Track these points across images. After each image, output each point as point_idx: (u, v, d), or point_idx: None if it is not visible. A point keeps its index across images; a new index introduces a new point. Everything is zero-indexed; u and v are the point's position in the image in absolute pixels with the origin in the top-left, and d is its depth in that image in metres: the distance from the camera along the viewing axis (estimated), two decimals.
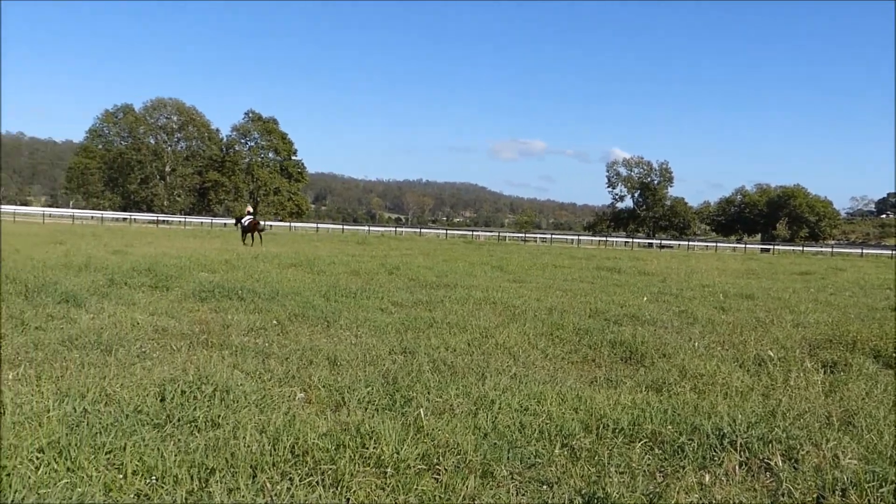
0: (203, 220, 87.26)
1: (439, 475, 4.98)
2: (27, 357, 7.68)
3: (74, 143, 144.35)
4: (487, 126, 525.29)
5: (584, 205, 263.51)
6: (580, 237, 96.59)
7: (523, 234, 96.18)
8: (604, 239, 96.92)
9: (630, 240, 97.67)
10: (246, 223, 39.27)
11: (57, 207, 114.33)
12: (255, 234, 38.99)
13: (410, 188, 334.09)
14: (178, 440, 5.31)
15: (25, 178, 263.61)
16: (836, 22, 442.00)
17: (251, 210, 43.16)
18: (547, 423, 6.11)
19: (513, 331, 10.82)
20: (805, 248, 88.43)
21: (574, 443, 5.71)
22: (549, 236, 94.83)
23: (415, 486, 4.73)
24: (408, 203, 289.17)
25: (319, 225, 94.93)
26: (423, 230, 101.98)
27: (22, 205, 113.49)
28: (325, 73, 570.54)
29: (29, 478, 4.53)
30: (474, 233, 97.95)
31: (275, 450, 5.13)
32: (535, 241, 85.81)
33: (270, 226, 77.45)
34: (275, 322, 10.72)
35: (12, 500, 4.19)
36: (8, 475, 4.51)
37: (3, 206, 77.23)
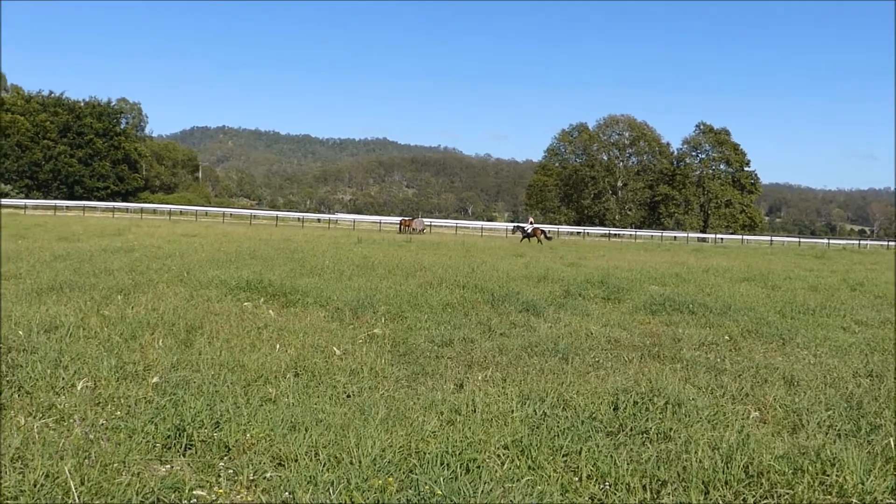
0: (653, 234, 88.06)
1: None
2: (494, 360, 8.38)
3: (534, 162, 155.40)
4: None
5: None
6: None
7: None
8: None
9: None
10: (529, 230, 49.75)
11: (517, 222, 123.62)
12: (536, 239, 47.97)
13: (876, 197, 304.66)
14: (631, 449, 5.43)
15: (491, 195, 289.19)
16: None
17: (532, 220, 56.33)
18: None
19: None
20: None
21: None
22: None
23: None
24: (873, 213, 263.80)
25: (773, 238, 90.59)
26: (891, 243, 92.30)
27: (487, 220, 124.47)
28: (769, 77, 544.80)
29: (496, 471, 4.95)
30: None
31: (728, 468, 5.02)
32: None
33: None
34: (727, 337, 10.46)
35: (482, 491, 4.61)
36: (478, 468, 4.98)
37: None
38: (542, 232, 49.98)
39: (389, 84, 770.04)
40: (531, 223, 52.60)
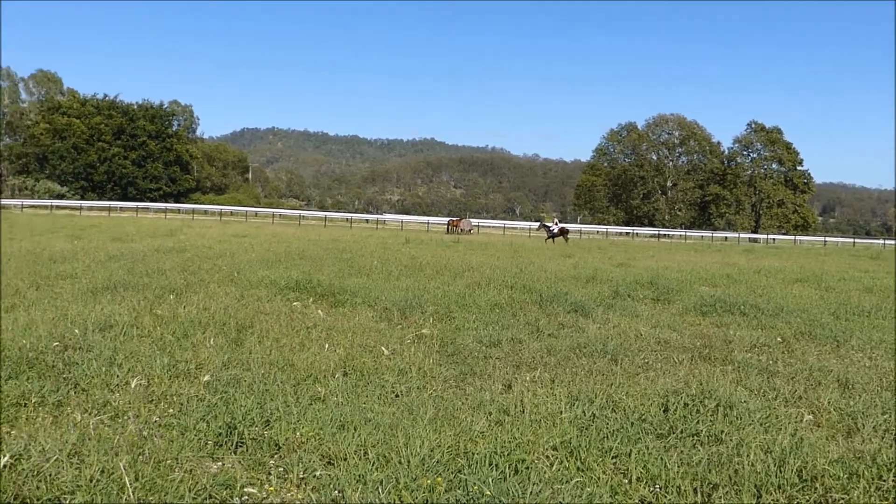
0: (703, 234, 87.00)
1: None
2: (542, 361, 8.35)
3: (582, 162, 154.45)
4: None
5: None
6: None
7: None
8: None
9: None
10: (555, 230, 52.17)
11: (565, 223, 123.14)
12: (561, 238, 50.93)
13: None
14: (681, 452, 5.37)
15: (539, 196, 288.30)
16: None
17: (557, 220, 57.97)
18: None
19: None
20: None
21: None
22: None
23: None
24: None
25: (827, 238, 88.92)
26: None
27: (535, 221, 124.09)
28: (830, 75, 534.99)
29: (545, 473, 4.93)
30: None
31: (780, 471, 4.95)
32: None
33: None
34: (779, 339, 10.29)
35: (530, 492, 4.60)
36: (527, 468, 4.97)
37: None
38: (565, 231, 53.77)
39: (437, 85, 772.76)
40: (556, 223, 55.31)
